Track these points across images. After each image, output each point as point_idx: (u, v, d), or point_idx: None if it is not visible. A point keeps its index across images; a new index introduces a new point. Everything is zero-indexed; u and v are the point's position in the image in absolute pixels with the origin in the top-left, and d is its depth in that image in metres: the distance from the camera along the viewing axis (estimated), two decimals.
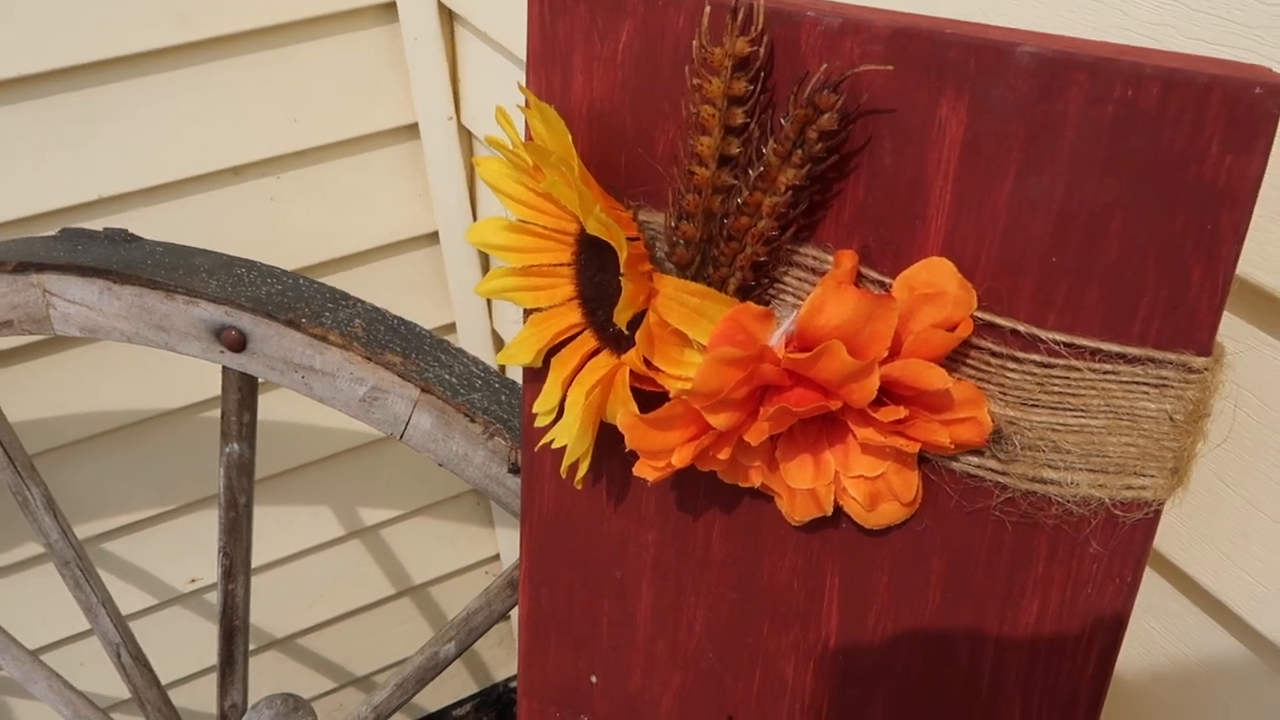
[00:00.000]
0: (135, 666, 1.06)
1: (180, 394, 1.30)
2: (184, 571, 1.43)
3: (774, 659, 0.49)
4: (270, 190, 1.27)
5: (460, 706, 1.78)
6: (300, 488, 1.46)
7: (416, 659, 1.00)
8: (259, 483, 1.42)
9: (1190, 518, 0.56)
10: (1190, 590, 0.59)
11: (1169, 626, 0.62)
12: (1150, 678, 0.64)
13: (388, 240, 1.35)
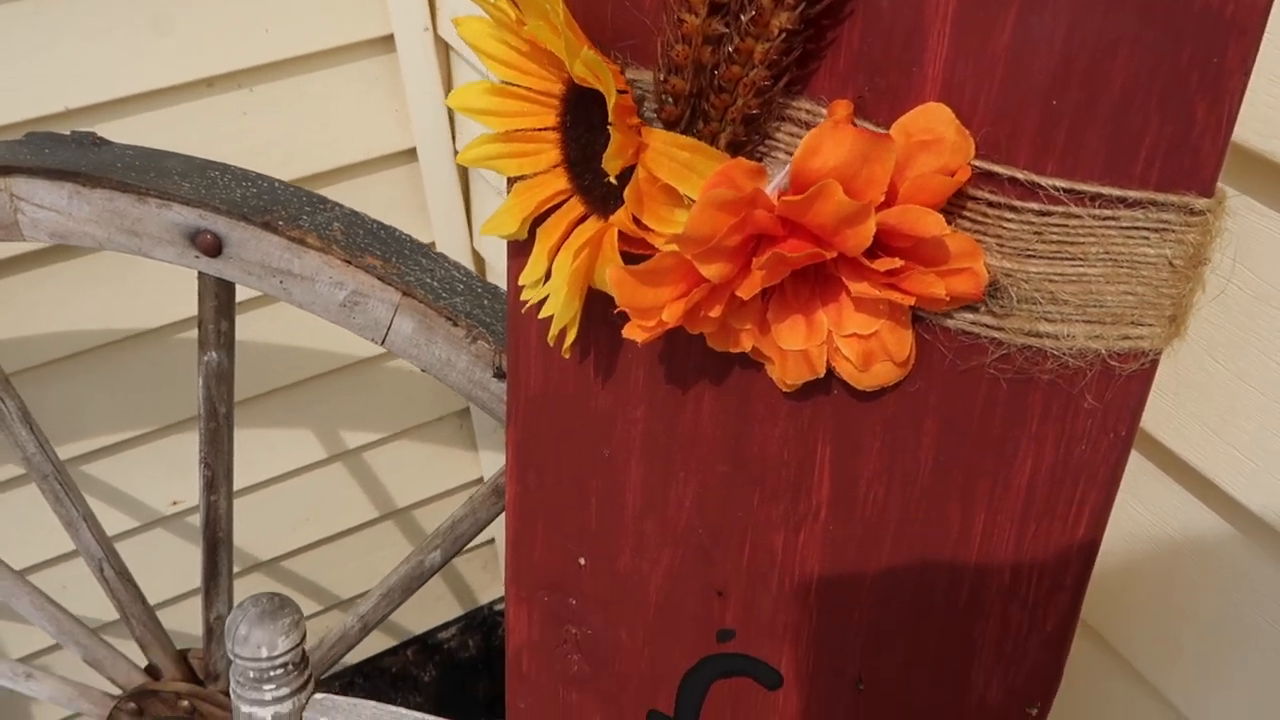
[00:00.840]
0: (119, 581, 1.06)
1: (158, 313, 1.29)
2: (166, 494, 1.43)
3: (764, 532, 0.49)
4: (243, 104, 1.24)
5: (446, 629, 1.79)
6: (282, 410, 1.45)
7: (402, 568, 1.00)
8: (240, 404, 1.40)
9: (1180, 396, 0.56)
10: (1176, 469, 0.59)
11: (1154, 509, 0.62)
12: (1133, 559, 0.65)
13: (364, 157, 1.33)
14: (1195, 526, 0.59)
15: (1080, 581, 0.43)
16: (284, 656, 0.72)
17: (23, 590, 1.09)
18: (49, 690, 1.15)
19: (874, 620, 0.48)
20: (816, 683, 0.51)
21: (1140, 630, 0.66)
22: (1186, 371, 0.55)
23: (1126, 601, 0.67)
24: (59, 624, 1.10)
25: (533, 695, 0.61)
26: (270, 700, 0.73)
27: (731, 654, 0.53)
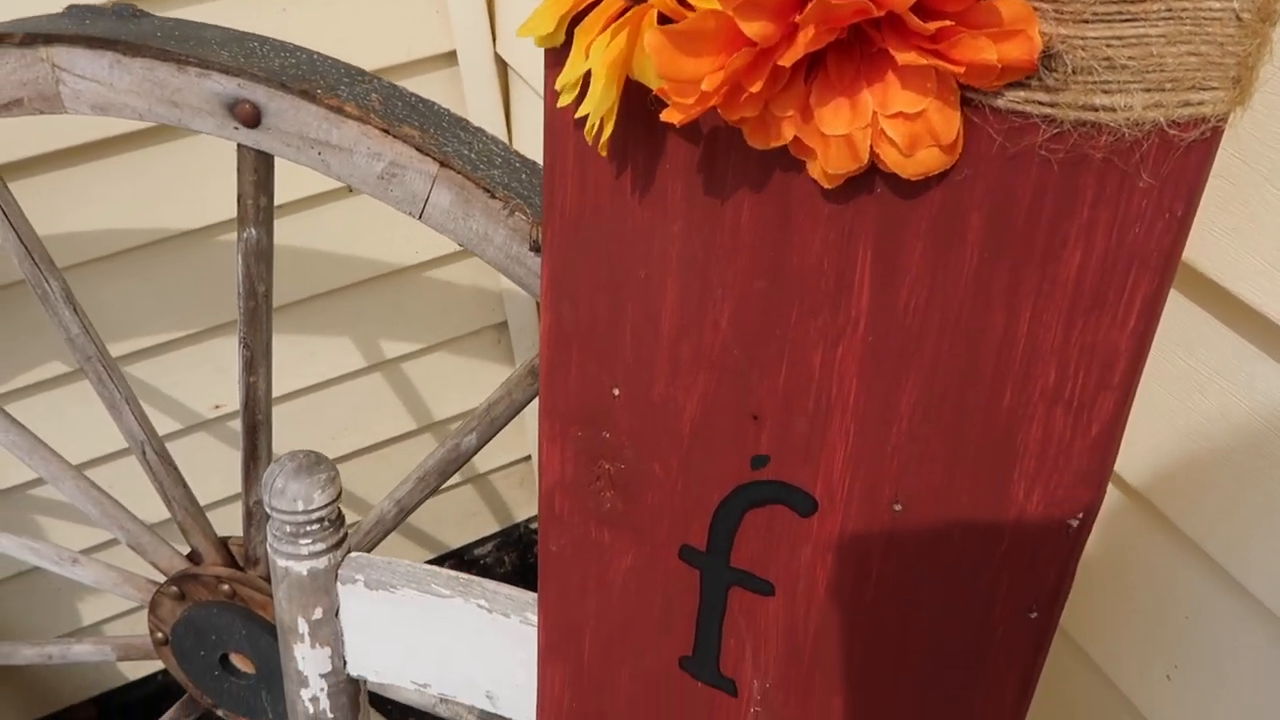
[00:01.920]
0: (160, 464, 1.07)
1: (200, 213, 1.29)
2: (208, 397, 1.44)
3: (801, 349, 0.48)
4: (283, 1, 1.23)
5: (482, 545, 1.81)
6: (321, 318, 1.45)
7: (439, 451, 1.01)
8: (280, 310, 1.41)
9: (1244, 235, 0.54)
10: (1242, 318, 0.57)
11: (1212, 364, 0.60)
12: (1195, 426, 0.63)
13: (403, 59, 1.32)
14: (1264, 382, 0.57)
15: (1129, 379, 0.41)
16: (320, 511, 0.73)
17: (68, 475, 1.11)
18: (94, 575, 1.17)
19: (912, 435, 0.47)
20: (852, 506, 0.50)
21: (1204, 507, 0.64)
22: (1252, 208, 0.53)
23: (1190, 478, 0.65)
24: (103, 508, 1.12)
25: (565, 536, 0.61)
26: (306, 555, 0.73)
27: (765, 481, 0.52)
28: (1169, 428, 0.64)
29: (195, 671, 1.16)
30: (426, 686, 0.77)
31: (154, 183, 1.25)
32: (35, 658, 1.26)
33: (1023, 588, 0.47)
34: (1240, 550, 0.62)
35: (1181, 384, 0.63)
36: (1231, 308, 0.58)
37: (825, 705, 0.56)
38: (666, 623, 0.60)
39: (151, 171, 1.24)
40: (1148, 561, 0.68)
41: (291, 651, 0.77)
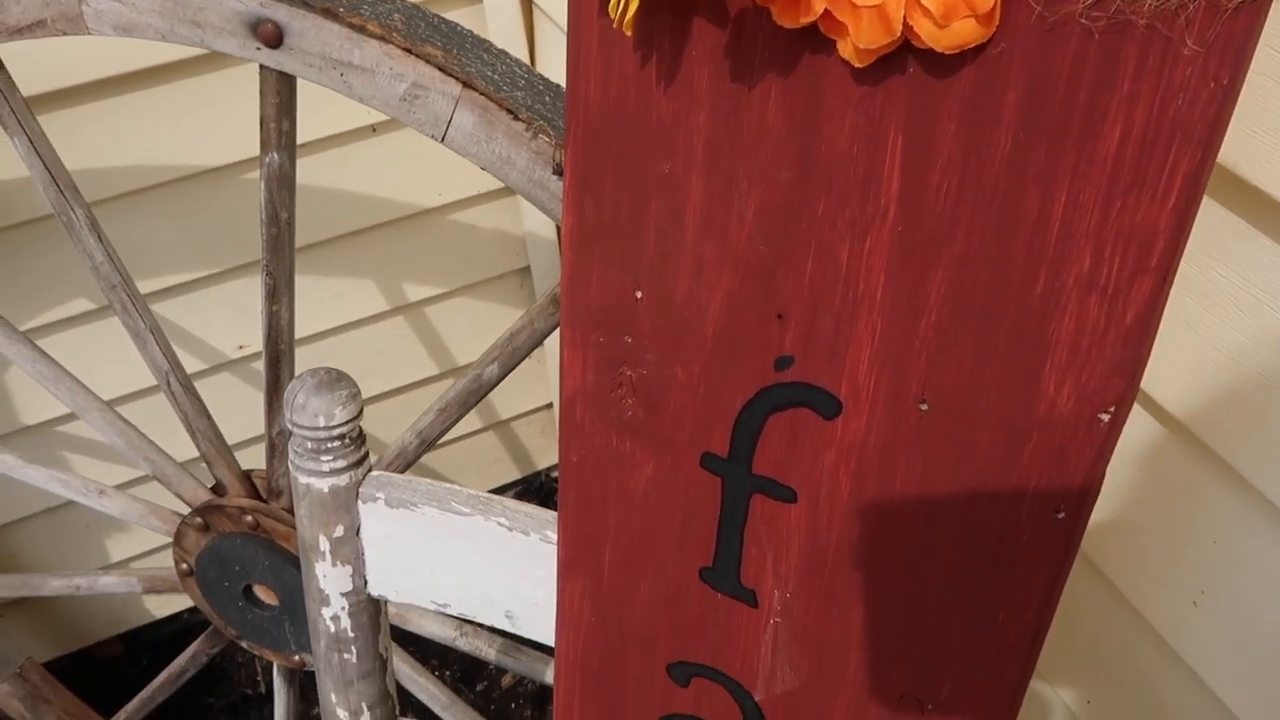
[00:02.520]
0: (185, 394, 1.08)
1: (223, 151, 1.29)
2: (232, 338, 1.45)
3: (828, 242, 0.47)
4: None
5: (503, 492, 1.81)
6: (345, 259, 1.45)
7: (460, 383, 1.00)
8: (304, 250, 1.41)
9: None
10: None
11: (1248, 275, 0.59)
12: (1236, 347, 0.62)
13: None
14: None
15: (1167, 261, 0.40)
16: (341, 428, 0.73)
17: (94, 406, 1.12)
18: (120, 507, 1.18)
19: (940, 329, 0.46)
20: (877, 406, 0.49)
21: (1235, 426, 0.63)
22: None
23: (1222, 398, 0.64)
24: (129, 439, 1.12)
25: (585, 446, 0.60)
26: (328, 472, 0.73)
27: (789, 383, 0.51)
28: (1201, 345, 0.63)
29: (219, 603, 1.17)
30: (446, 607, 0.77)
31: (178, 118, 1.24)
32: (63, 589, 1.28)
33: (1051, 487, 0.46)
34: (1275, 471, 0.61)
35: (1219, 301, 0.62)
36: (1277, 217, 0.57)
37: (847, 613, 0.55)
38: (687, 533, 0.59)
39: (175, 107, 1.24)
40: (1174, 483, 0.67)
41: (313, 569, 0.77)
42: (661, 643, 0.64)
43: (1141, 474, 0.69)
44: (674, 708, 0.66)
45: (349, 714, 0.84)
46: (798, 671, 0.59)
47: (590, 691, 0.70)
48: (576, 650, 0.69)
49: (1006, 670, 0.51)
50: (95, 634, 1.62)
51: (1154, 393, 0.66)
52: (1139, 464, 0.69)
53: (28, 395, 1.37)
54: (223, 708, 1.64)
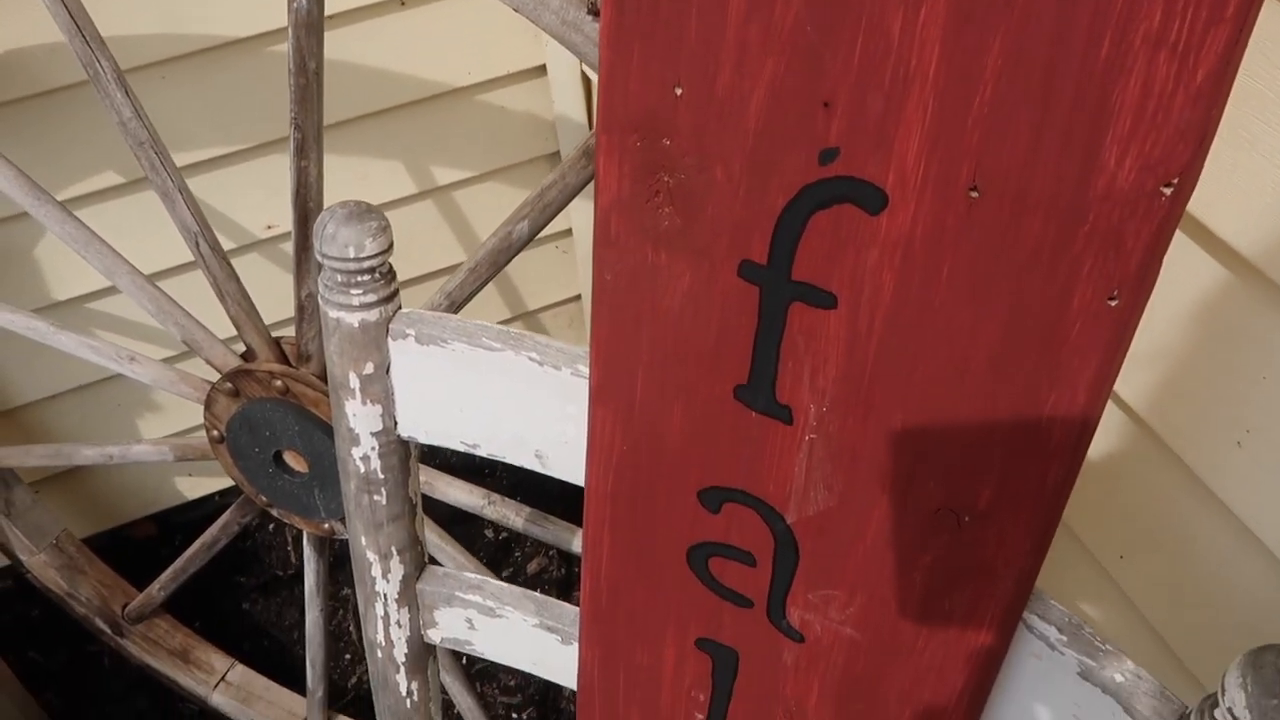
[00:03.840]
0: (214, 257, 1.07)
1: (252, 20, 1.27)
2: (261, 217, 1.44)
3: (879, 16, 0.45)
4: None
5: None
6: (373, 139, 1.43)
7: (490, 241, 0.99)
8: (332, 128, 1.39)
9: None
10: None
11: None
12: None
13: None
14: None
15: (1244, 12, 0.38)
16: (370, 260, 0.72)
17: (123, 268, 1.12)
18: (151, 374, 1.19)
19: (995, 105, 0.44)
20: (925, 196, 0.47)
21: None
22: None
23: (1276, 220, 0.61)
24: (159, 304, 1.12)
25: (620, 262, 0.59)
26: (358, 305, 0.73)
27: (833, 178, 0.50)
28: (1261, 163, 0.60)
29: (250, 469, 1.18)
30: (476, 447, 0.77)
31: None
32: (96, 458, 1.29)
33: (1106, 270, 0.44)
34: None
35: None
36: None
37: (884, 423, 0.54)
38: (722, 350, 0.58)
39: None
40: (1218, 312, 0.65)
41: (342, 408, 0.77)
42: (693, 468, 0.63)
43: (1183, 303, 0.67)
44: (704, 535, 0.66)
45: (379, 558, 0.84)
46: (831, 490, 0.58)
47: (620, 523, 0.69)
48: (607, 481, 0.69)
49: (1049, 474, 0.50)
50: (129, 514, 1.64)
51: (1202, 215, 0.64)
52: (1182, 292, 0.66)
53: (59, 269, 1.37)
54: (254, 586, 1.67)
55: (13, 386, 1.44)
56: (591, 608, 0.76)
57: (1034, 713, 0.60)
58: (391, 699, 0.93)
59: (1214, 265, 0.65)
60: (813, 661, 0.66)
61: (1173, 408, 0.70)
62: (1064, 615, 0.58)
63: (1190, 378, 0.68)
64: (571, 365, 0.70)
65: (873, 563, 0.59)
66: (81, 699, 1.56)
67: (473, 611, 0.86)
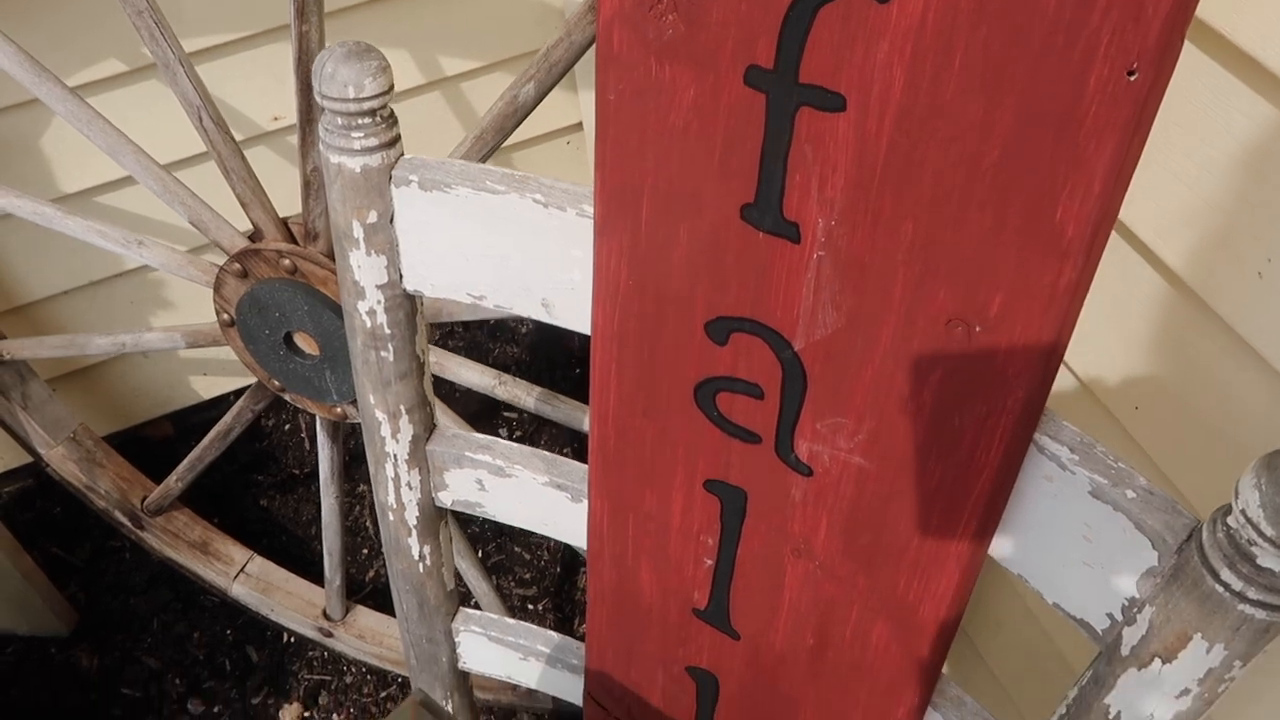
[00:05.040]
0: (217, 132, 1.06)
1: None
2: (266, 109, 1.42)
3: None
4: None
5: None
6: (377, 27, 1.41)
7: (495, 106, 0.97)
8: (334, 15, 1.37)
9: None
10: None
11: None
12: None
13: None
14: None
15: None
16: (371, 101, 0.70)
17: (127, 148, 1.11)
18: (159, 257, 1.18)
19: None
20: None
21: None
22: None
23: None
24: (164, 184, 1.12)
25: (624, 79, 0.57)
26: (359, 150, 0.71)
27: None
28: None
29: (261, 353, 1.18)
30: (482, 298, 0.76)
31: None
32: (108, 346, 1.29)
33: (1124, 43, 0.43)
34: None
35: None
36: None
37: (894, 232, 0.53)
38: (728, 166, 0.57)
39: None
40: (1238, 131, 0.63)
41: (347, 260, 0.76)
42: (700, 298, 0.62)
43: (1200, 121, 0.64)
44: (712, 370, 0.65)
45: (388, 416, 0.84)
46: (839, 310, 0.57)
47: (627, 363, 0.69)
48: (613, 320, 0.68)
49: (1063, 274, 0.49)
50: (145, 413, 1.65)
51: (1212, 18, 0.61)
52: (1197, 104, 0.64)
53: (65, 161, 1.36)
54: (271, 485, 1.69)
55: (25, 283, 1.44)
56: (600, 457, 0.76)
57: (1045, 536, 0.60)
58: (404, 563, 0.94)
59: (1234, 75, 0.62)
60: (821, 495, 0.65)
61: (1189, 238, 0.68)
62: (1075, 435, 0.57)
63: (1206, 200, 0.66)
64: (577, 206, 0.68)
65: (881, 385, 0.58)
66: (104, 593, 1.59)
67: (483, 472, 0.86)
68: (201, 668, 1.53)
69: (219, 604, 1.57)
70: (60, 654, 1.54)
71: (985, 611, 1.13)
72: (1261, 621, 0.51)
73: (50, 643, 1.54)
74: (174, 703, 1.50)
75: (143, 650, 1.54)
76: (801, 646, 0.74)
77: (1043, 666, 1.04)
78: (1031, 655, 1.06)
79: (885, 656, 0.69)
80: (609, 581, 0.83)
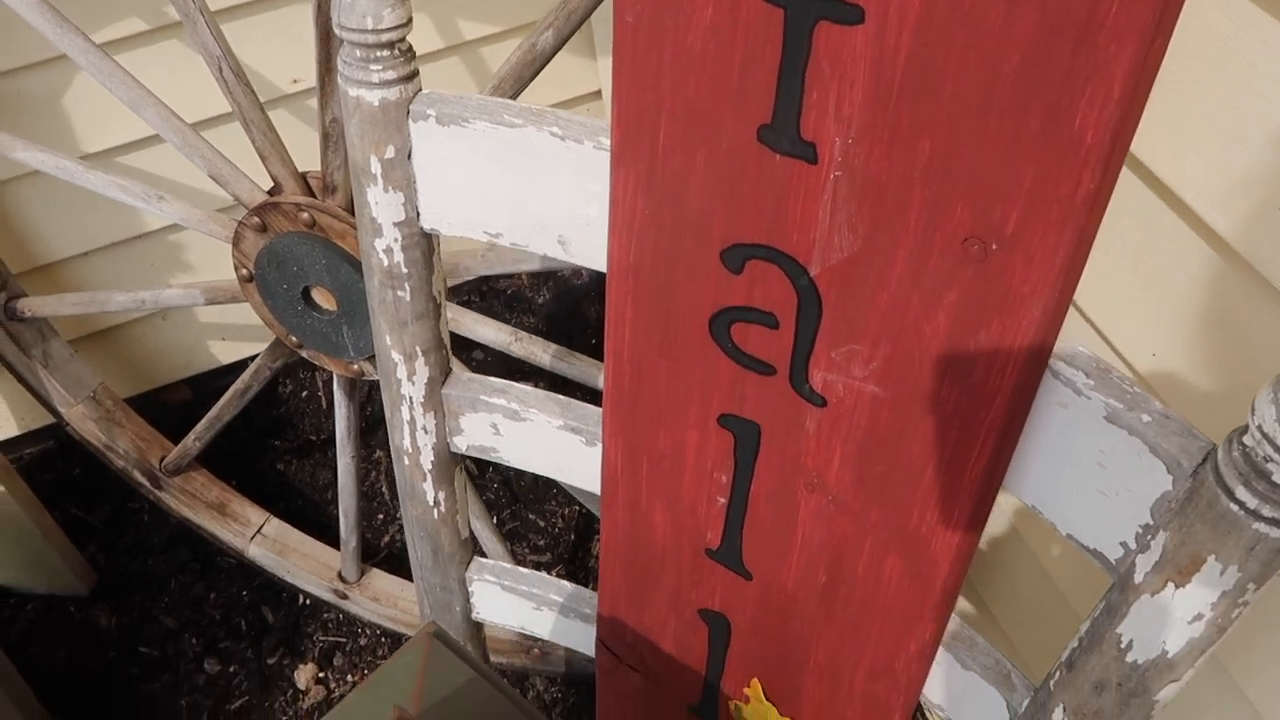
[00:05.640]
0: (237, 83, 1.06)
1: None
2: (285, 71, 1.43)
3: None
4: None
5: None
6: None
7: (513, 55, 0.97)
8: None
9: None
10: None
11: None
12: None
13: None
14: None
15: None
16: (389, 33, 0.70)
17: (149, 101, 1.11)
18: (179, 212, 1.19)
19: None
20: None
21: None
22: None
23: None
24: (184, 137, 1.12)
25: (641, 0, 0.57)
26: (377, 83, 0.72)
27: None
28: None
29: (279, 308, 1.19)
30: (498, 236, 0.76)
31: None
32: (128, 303, 1.30)
33: None
34: None
35: None
36: None
37: (911, 149, 0.53)
38: (746, 87, 0.57)
39: None
40: None
41: (364, 196, 0.77)
42: (716, 226, 0.62)
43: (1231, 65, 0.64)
44: (727, 300, 0.65)
45: (404, 358, 0.84)
46: (855, 232, 0.57)
47: (643, 297, 0.69)
48: (629, 253, 0.68)
49: (1081, 184, 0.49)
50: (163, 377, 1.66)
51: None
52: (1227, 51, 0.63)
53: (86, 121, 1.37)
54: (287, 449, 1.70)
55: (46, 243, 1.45)
56: (614, 397, 0.76)
57: (1059, 465, 0.60)
58: (419, 509, 0.94)
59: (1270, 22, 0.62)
60: (834, 426, 0.65)
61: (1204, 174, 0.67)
62: (1091, 360, 0.57)
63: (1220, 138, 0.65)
64: (594, 138, 0.68)
65: (897, 309, 0.58)
66: (123, 554, 1.60)
67: (498, 416, 0.87)
68: (218, 628, 1.54)
69: (236, 565, 1.58)
70: (79, 613, 1.55)
71: (998, 573, 1.13)
72: (1276, 540, 0.51)
73: (69, 602, 1.56)
74: (190, 662, 1.51)
75: (160, 610, 1.56)
76: (813, 584, 0.74)
77: (1059, 630, 1.04)
78: (1046, 621, 1.05)
79: (897, 592, 0.69)
80: (622, 525, 0.83)
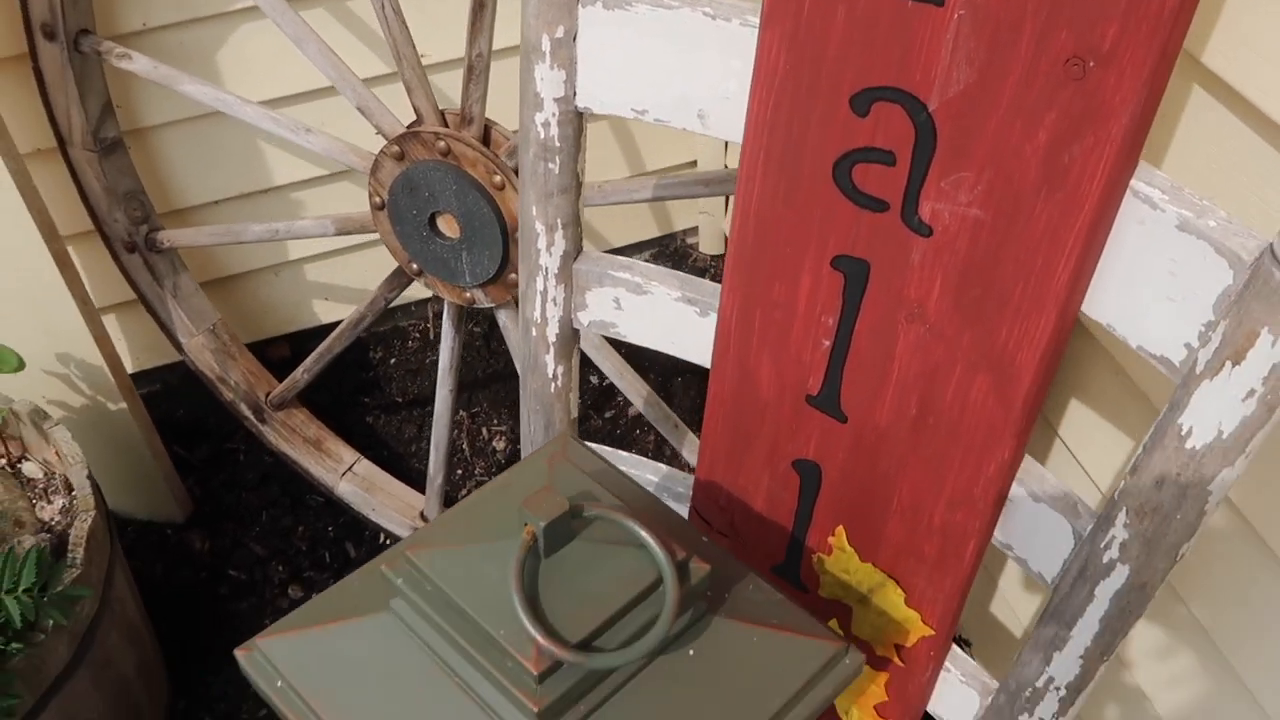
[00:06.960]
0: (395, 19, 1.21)
1: None
2: None
3: None
4: None
5: (638, 251, 1.93)
6: None
7: None
8: None
9: None
10: None
11: None
12: None
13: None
14: None
15: None
16: None
17: (310, 36, 1.26)
18: (323, 145, 1.33)
19: None
20: None
21: None
22: None
23: None
24: (339, 70, 1.27)
25: None
26: None
27: None
28: None
29: (405, 234, 1.32)
30: (644, 113, 0.88)
31: None
32: (263, 233, 1.44)
33: None
34: None
35: None
36: None
37: None
38: None
39: None
40: None
41: (531, 72, 0.89)
42: (848, 73, 0.74)
43: None
44: (852, 143, 0.76)
45: (545, 228, 0.96)
46: (972, 64, 0.69)
47: (774, 149, 0.80)
48: (767, 107, 0.79)
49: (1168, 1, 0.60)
50: (266, 331, 1.79)
51: None
52: None
53: (242, 75, 1.52)
54: (376, 406, 1.81)
55: (186, 190, 1.59)
56: (737, 253, 0.87)
57: (1134, 278, 0.70)
58: (538, 381, 1.05)
59: None
60: (938, 254, 0.76)
61: None
62: (1167, 180, 0.68)
63: None
64: (741, 16, 0.81)
65: (1002, 133, 0.69)
66: (219, 488, 1.71)
67: (621, 290, 0.98)
68: (303, 558, 1.64)
69: (324, 503, 1.68)
70: (175, 536, 1.65)
71: None
72: None
73: (166, 526, 1.66)
74: (275, 587, 1.60)
75: (250, 538, 1.65)
76: (904, 418, 0.83)
77: None
78: None
79: (981, 413, 0.79)
80: (730, 382, 0.93)
